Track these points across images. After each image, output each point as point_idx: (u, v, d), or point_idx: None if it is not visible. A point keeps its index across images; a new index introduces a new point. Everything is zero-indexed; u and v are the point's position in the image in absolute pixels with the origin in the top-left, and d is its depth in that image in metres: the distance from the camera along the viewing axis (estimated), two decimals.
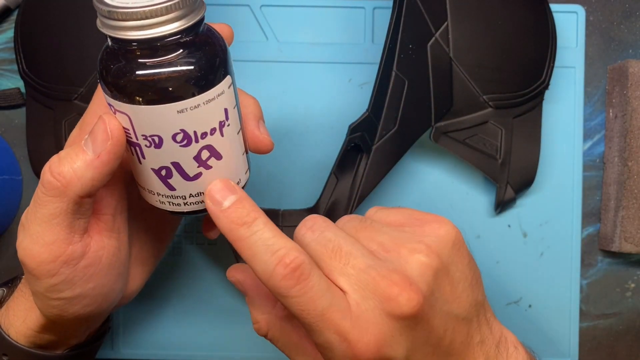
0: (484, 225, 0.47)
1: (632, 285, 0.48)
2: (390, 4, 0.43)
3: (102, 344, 0.41)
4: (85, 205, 0.31)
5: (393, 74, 0.41)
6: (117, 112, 0.29)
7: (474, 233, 0.47)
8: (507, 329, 0.35)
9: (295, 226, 0.37)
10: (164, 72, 0.27)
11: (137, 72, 0.27)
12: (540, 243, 0.47)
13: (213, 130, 0.29)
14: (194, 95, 0.28)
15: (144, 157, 0.30)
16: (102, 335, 0.40)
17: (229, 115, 0.30)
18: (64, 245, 0.31)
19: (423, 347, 0.30)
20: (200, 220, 0.47)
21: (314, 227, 0.31)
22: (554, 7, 0.46)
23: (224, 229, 0.30)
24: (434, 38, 0.42)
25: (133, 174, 0.32)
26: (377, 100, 0.42)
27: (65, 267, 0.31)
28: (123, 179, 0.34)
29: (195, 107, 0.28)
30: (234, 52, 0.46)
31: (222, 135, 0.30)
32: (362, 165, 0.42)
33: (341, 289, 0.29)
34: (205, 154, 0.30)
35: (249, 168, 0.34)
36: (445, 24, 0.42)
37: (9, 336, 0.36)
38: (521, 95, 0.44)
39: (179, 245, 0.47)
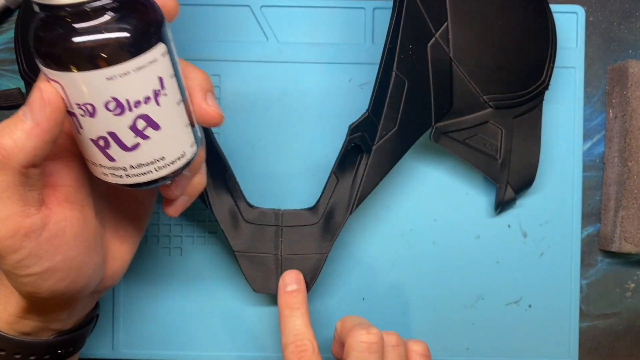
0: (484, 225, 0.47)
1: (632, 285, 0.48)
2: (390, 4, 0.43)
3: (90, 331, 0.40)
4: (33, 177, 0.30)
5: (393, 74, 0.41)
6: (50, 81, 0.28)
7: (474, 233, 0.47)
8: None
9: (295, 226, 0.43)
10: (91, 38, 0.27)
11: (64, 39, 0.27)
12: (540, 243, 0.47)
13: (147, 99, 0.29)
14: (122, 62, 0.27)
15: (81, 127, 0.29)
16: (89, 321, 0.39)
17: (164, 84, 0.29)
18: (20, 219, 0.30)
19: None
20: (198, 220, 0.47)
21: (371, 349, 0.38)
22: (554, 7, 0.46)
23: (280, 301, 0.41)
24: (434, 38, 0.42)
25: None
26: (377, 100, 0.42)
27: (27, 241, 0.30)
28: (79, 151, 0.33)
29: (124, 74, 0.28)
30: (233, 52, 0.47)
31: (158, 104, 0.29)
32: (363, 166, 0.42)
33: None
34: (141, 124, 0.29)
35: (196, 141, 0.33)
36: (446, 24, 0.42)
37: None
38: (521, 95, 0.44)
39: (180, 245, 0.47)
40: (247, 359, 0.47)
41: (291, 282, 0.42)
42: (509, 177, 0.45)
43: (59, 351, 0.37)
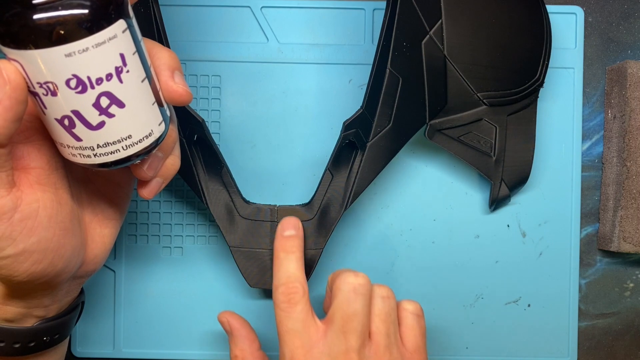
0: (483, 224, 0.47)
1: (631, 284, 0.48)
2: None
3: (76, 317, 0.40)
4: (0, 157, 0.30)
5: (387, 71, 0.41)
6: (10, 61, 0.28)
7: (473, 232, 0.47)
8: None
9: None
10: (49, 15, 0.26)
11: (21, 16, 0.26)
12: (539, 243, 0.48)
13: (109, 76, 0.29)
14: (81, 38, 0.27)
15: (45, 107, 0.29)
16: (74, 308, 0.39)
17: (126, 61, 0.29)
18: None
19: None
20: (199, 220, 0.47)
21: (357, 290, 0.38)
22: (552, 8, 0.47)
23: (276, 245, 0.41)
24: (428, 36, 0.42)
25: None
26: (371, 97, 0.42)
27: None
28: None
29: (84, 50, 0.27)
30: (234, 52, 0.47)
31: (120, 81, 0.29)
32: (357, 162, 0.42)
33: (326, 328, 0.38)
34: (104, 101, 0.29)
35: (164, 120, 0.33)
36: (440, 22, 0.42)
37: None
38: (515, 93, 0.44)
39: (181, 245, 0.47)
40: None
41: (289, 227, 0.42)
42: (503, 175, 0.45)
43: (45, 338, 0.37)
